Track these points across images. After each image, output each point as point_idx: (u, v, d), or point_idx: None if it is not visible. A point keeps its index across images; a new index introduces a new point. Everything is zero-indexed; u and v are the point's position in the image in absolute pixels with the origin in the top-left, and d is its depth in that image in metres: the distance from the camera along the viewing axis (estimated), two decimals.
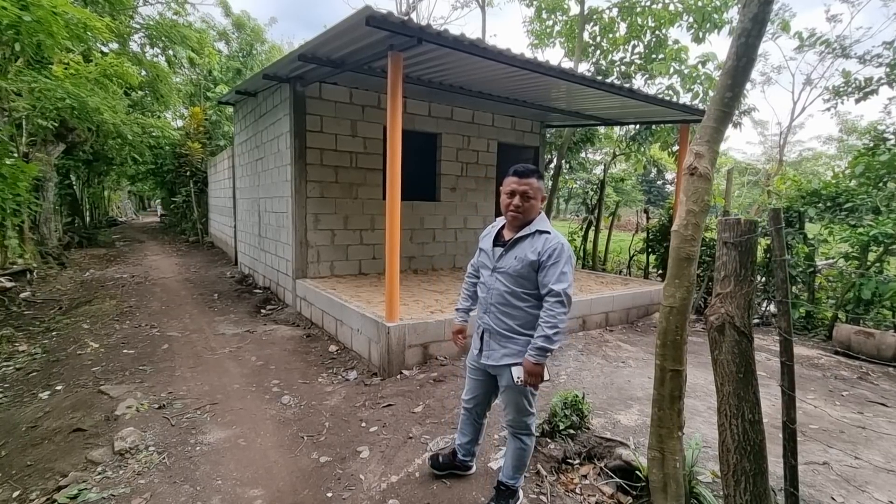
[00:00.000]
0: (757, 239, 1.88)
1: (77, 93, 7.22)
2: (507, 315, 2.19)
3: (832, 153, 24.47)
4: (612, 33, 9.61)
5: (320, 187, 6.51)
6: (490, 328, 2.25)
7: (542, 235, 2.13)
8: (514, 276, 2.14)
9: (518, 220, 2.17)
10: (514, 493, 2.39)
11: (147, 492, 2.54)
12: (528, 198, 2.12)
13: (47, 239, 9.93)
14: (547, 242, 2.10)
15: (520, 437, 2.33)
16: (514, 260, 2.14)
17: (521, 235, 2.16)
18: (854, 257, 5.99)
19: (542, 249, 2.09)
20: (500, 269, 2.20)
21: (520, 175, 2.14)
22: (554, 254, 2.07)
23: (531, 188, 2.12)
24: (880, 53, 8.82)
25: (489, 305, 2.25)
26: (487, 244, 2.31)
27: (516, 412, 2.28)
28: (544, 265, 2.08)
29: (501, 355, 2.22)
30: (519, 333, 2.17)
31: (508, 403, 2.29)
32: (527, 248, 2.13)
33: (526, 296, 2.15)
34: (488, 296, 2.25)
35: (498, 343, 2.22)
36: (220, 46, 19.66)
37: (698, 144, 2.15)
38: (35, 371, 4.29)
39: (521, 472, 2.38)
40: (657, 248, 8.58)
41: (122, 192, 29.24)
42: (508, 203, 2.15)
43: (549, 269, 2.07)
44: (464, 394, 2.54)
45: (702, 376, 4.24)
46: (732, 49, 2.11)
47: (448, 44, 3.96)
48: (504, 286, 2.18)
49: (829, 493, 2.56)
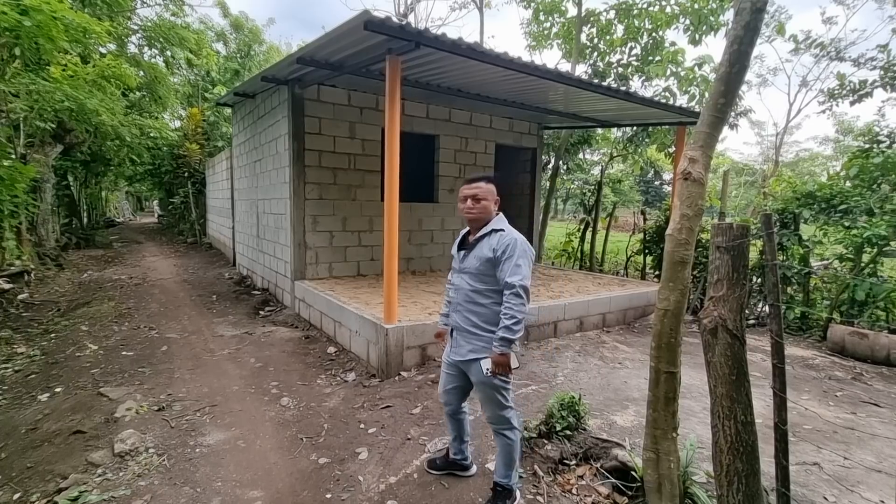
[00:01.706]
0: (749, 243, 1.91)
1: (75, 94, 7.21)
2: (472, 312, 2.33)
3: (828, 154, 24.63)
4: (609, 35, 9.65)
5: (319, 189, 6.53)
6: (458, 325, 2.40)
7: (497, 233, 2.29)
8: (477, 274, 2.30)
9: (475, 222, 2.34)
10: (511, 493, 2.43)
11: (147, 493, 2.56)
12: (478, 199, 2.29)
13: (45, 240, 9.91)
14: (501, 239, 2.25)
15: (503, 433, 2.40)
16: (475, 259, 2.31)
17: (480, 235, 2.32)
18: (848, 258, 6.04)
19: (497, 246, 2.24)
20: (464, 270, 2.37)
21: (469, 181, 2.36)
22: (507, 249, 2.21)
23: (481, 190, 2.30)
24: (875, 56, 8.87)
25: (457, 304, 2.41)
26: (455, 248, 2.50)
27: (493, 407, 2.37)
28: (500, 260, 2.23)
29: (467, 351, 2.35)
30: (483, 329, 2.31)
31: (484, 400, 2.39)
32: (485, 246, 2.28)
33: (489, 293, 2.30)
34: (456, 295, 2.42)
35: (464, 339, 2.37)
36: (219, 47, 19.63)
37: (692, 149, 2.18)
38: (34, 373, 4.30)
39: (512, 468, 2.43)
40: (654, 249, 8.62)
41: (119, 193, 29.17)
42: (463, 207, 2.35)
43: (504, 264, 2.22)
44: (438, 387, 2.67)
45: (697, 377, 4.28)
46: (725, 56, 2.14)
47: (446, 47, 3.99)
48: (469, 285, 2.33)
49: (822, 492, 2.60)
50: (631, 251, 9.71)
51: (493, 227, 2.30)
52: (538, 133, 9.07)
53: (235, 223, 10.02)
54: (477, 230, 2.35)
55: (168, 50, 11.98)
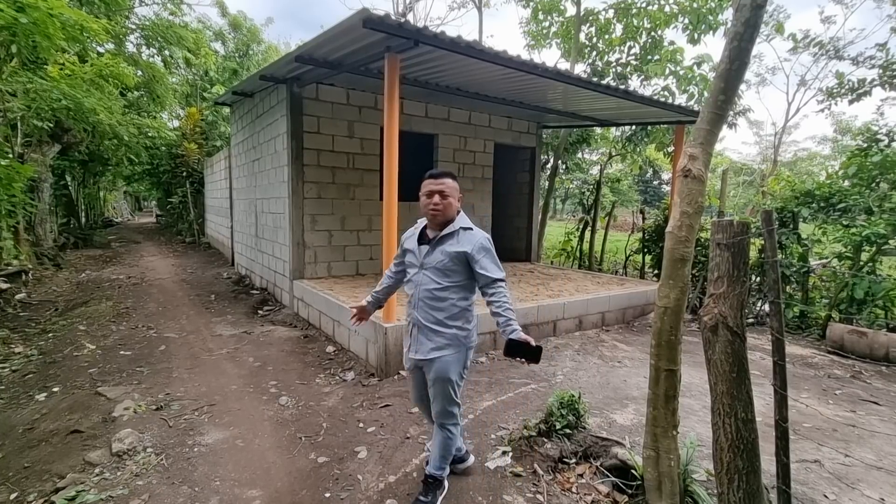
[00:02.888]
0: (749, 240, 1.90)
1: (73, 94, 7.19)
2: (435, 308, 2.31)
3: (827, 153, 24.65)
4: (608, 34, 9.65)
5: (317, 188, 6.51)
6: (419, 322, 2.36)
7: (467, 232, 2.31)
8: (442, 270, 2.29)
9: (438, 218, 2.30)
10: (441, 484, 2.49)
11: (145, 493, 2.55)
12: (444, 196, 2.28)
13: (43, 240, 9.88)
14: (474, 238, 2.28)
15: (447, 427, 2.42)
16: (441, 255, 2.29)
17: (447, 233, 2.30)
18: (847, 257, 6.05)
19: (473, 245, 2.26)
20: (427, 266, 2.32)
21: (435, 177, 2.31)
22: (482, 248, 2.27)
23: (447, 187, 2.28)
24: (873, 55, 8.90)
25: (418, 301, 2.35)
26: (413, 244, 2.41)
27: (444, 402, 2.37)
28: (477, 259, 2.25)
29: (429, 349, 2.33)
30: (446, 326, 2.31)
31: (437, 395, 2.38)
32: (454, 244, 2.28)
33: (454, 289, 2.31)
34: (417, 292, 2.36)
35: (426, 337, 2.34)
36: (217, 47, 19.62)
37: (692, 146, 2.17)
38: (31, 373, 4.28)
39: (446, 462, 2.49)
40: (653, 248, 8.62)
41: (117, 193, 29.11)
42: (428, 203, 2.29)
43: (484, 262, 2.26)
44: (412, 399, 2.65)
45: (697, 375, 4.27)
46: (725, 52, 2.13)
47: (444, 45, 3.98)
48: (432, 281, 2.30)
49: (822, 490, 2.60)
50: (630, 250, 9.71)
51: (461, 226, 2.31)
52: (537, 132, 9.07)
53: (234, 223, 10.00)
54: (440, 226, 2.32)
55: (166, 49, 11.98)
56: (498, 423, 3.33)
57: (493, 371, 4.39)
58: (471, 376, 4.23)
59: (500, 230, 9.47)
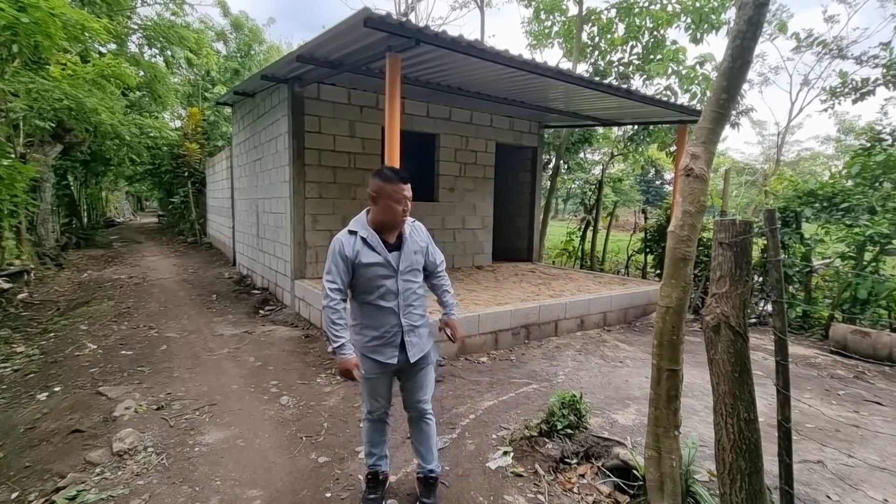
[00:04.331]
0: (752, 240, 1.89)
1: (74, 93, 7.20)
2: (417, 306, 2.37)
3: (830, 153, 24.57)
4: (610, 34, 9.64)
5: (318, 188, 6.51)
6: (409, 326, 2.31)
7: (413, 224, 2.38)
8: (418, 268, 2.36)
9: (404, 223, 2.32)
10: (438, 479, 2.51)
11: (146, 493, 2.55)
12: (409, 199, 2.28)
13: (44, 240, 9.90)
14: (420, 229, 2.41)
15: (428, 416, 2.46)
16: (413, 254, 2.32)
17: (407, 232, 2.32)
18: (850, 257, 6.02)
19: (421, 235, 2.39)
20: (407, 269, 2.30)
21: (402, 181, 2.20)
22: (426, 235, 2.42)
23: (410, 192, 2.28)
24: (877, 54, 8.84)
25: (405, 307, 2.28)
26: (373, 256, 2.20)
27: (428, 390, 2.44)
28: (429, 247, 2.41)
29: (425, 342, 2.40)
30: (424, 315, 2.41)
31: (425, 383, 2.42)
32: (416, 239, 2.35)
33: (420, 280, 2.40)
34: (401, 299, 2.26)
35: (418, 336, 2.36)
36: (219, 47, 19.65)
37: (694, 145, 2.16)
38: (33, 372, 4.29)
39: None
40: (655, 247, 8.60)
41: (119, 193, 29.17)
42: (400, 209, 2.19)
43: (432, 248, 2.43)
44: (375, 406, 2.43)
45: (699, 375, 4.26)
46: (728, 51, 2.12)
47: (446, 45, 3.98)
48: (412, 283, 2.33)
49: (825, 491, 2.58)
50: (632, 250, 9.69)
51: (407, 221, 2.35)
52: (539, 132, 9.05)
53: (235, 222, 10.01)
54: (395, 229, 2.26)
55: (168, 49, 11.98)
56: (499, 423, 3.32)
57: (494, 371, 4.38)
58: (472, 376, 4.23)
59: (502, 230, 9.46)
